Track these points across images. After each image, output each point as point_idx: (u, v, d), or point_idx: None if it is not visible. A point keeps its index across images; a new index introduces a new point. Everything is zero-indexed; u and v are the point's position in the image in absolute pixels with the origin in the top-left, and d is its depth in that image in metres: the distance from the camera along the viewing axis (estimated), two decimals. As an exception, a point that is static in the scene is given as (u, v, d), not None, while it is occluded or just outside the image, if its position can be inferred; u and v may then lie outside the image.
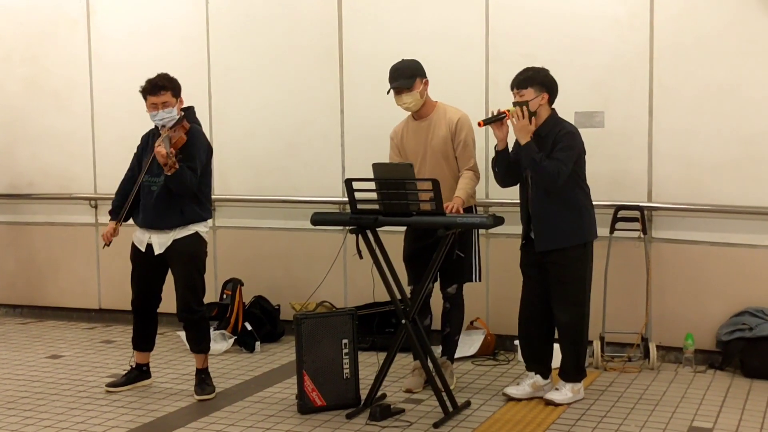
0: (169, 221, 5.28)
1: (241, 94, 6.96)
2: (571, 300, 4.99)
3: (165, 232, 5.29)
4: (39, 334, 7.17)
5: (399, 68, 5.26)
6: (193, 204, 5.31)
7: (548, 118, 5.00)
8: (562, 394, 5.03)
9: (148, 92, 5.25)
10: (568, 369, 5.09)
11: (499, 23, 6.16)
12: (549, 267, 5.00)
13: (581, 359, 5.12)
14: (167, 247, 5.29)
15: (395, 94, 5.26)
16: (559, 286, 5.00)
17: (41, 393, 5.47)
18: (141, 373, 5.57)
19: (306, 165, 6.80)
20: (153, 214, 5.30)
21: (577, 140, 4.97)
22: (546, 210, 4.96)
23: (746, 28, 5.62)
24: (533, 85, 4.95)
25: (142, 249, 5.35)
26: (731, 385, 5.38)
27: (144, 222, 5.35)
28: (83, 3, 7.38)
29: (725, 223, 5.76)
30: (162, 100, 5.22)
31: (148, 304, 5.48)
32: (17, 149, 7.76)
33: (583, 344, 5.13)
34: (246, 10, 6.89)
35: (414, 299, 4.93)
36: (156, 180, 5.27)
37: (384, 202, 4.77)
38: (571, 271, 4.97)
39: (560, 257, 4.96)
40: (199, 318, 5.39)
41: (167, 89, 5.24)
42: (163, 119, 5.24)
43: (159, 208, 5.27)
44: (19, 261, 7.85)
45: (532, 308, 5.12)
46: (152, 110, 5.25)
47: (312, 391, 4.92)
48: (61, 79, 7.53)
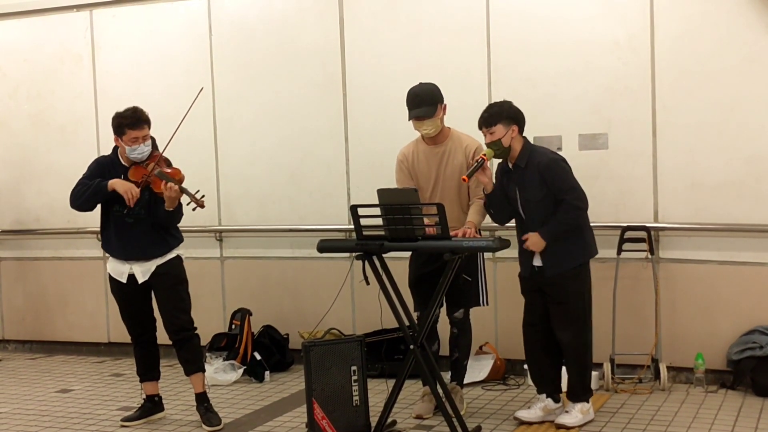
0: (154, 252, 5.27)
1: (245, 125, 7.00)
2: (571, 318, 4.97)
3: (147, 260, 5.28)
4: (48, 368, 7.17)
5: (419, 94, 5.20)
6: (173, 231, 5.35)
7: (522, 148, 4.98)
8: (573, 417, 5.01)
9: (131, 126, 5.13)
10: (574, 388, 5.07)
11: (500, 50, 6.20)
12: (547, 289, 5.00)
13: (587, 378, 5.10)
14: (151, 273, 5.28)
15: (415, 120, 5.23)
16: (557, 307, 4.98)
17: (51, 428, 5.46)
18: (154, 405, 5.54)
19: (311, 194, 6.82)
20: (135, 247, 5.24)
21: (561, 165, 4.96)
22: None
23: (746, 47, 5.65)
24: (500, 120, 4.94)
25: (123, 280, 5.31)
26: (743, 405, 5.36)
27: (124, 254, 5.28)
28: (88, 39, 7.46)
29: (732, 242, 5.76)
30: (144, 134, 5.17)
31: (145, 331, 5.46)
32: (24, 185, 7.80)
33: (588, 362, 5.10)
34: (249, 42, 6.95)
35: (422, 324, 4.93)
36: (132, 212, 5.19)
37: (389, 228, 4.78)
38: (568, 290, 4.95)
39: (559, 279, 4.95)
40: (192, 335, 5.39)
41: (148, 122, 5.20)
42: (143, 153, 5.18)
43: (142, 241, 5.23)
44: (27, 296, 7.86)
45: (536, 331, 5.10)
46: (133, 144, 5.14)
47: (322, 419, 4.90)
48: (67, 114, 7.58)
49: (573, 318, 4.98)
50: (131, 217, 5.23)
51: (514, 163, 4.98)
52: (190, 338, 5.38)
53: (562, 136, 6.07)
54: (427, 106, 5.17)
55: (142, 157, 5.19)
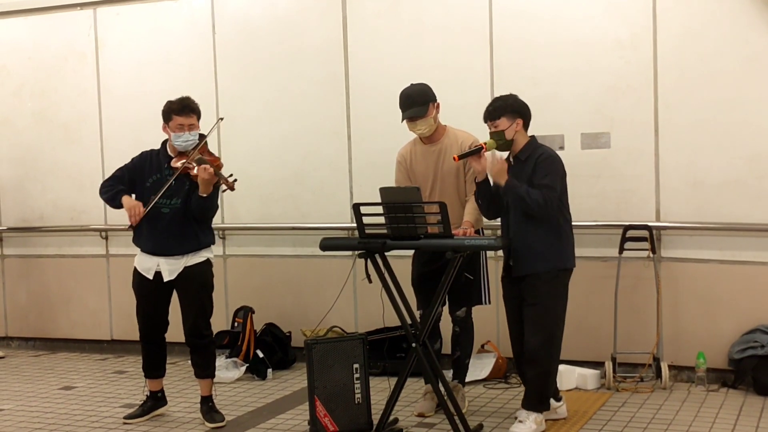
0: (183, 246, 5.21)
1: (248, 124, 7.02)
2: (540, 324, 4.82)
3: (176, 258, 5.22)
4: (51, 366, 7.19)
5: (410, 95, 5.21)
6: (205, 229, 5.30)
7: (527, 143, 4.94)
8: (527, 427, 4.84)
9: (178, 112, 5.16)
10: (530, 397, 4.90)
11: (503, 49, 6.21)
12: (524, 289, 4.88)
13: (546, 389, 4.92)
14: (178, 274, 5.24)
15: (409, 121, 5.23)
16: (530, 309, 4.86)
17: (55, 425, 5.48)
18: (156, 401, 5.54)
19: (314, 192, 6.84)
20: (165, 239, 5.19)
21: (558, 164, 4.88)
22: (525, 234, 4.86)
23: (749, 47, 5.66)
24: (505, 113, 4.90)
25: (149, 276, 5.25)
26: (744, 404, 5.36)
27: (154, 248, 5.22)
28: (91, 37, 7.48)
29: (734, 241, 5.77)
30: (190, 122, 5.18)
31: (158, 331, 5.43)
32: (28, 183, 7.82)
33: (550, 374, 4.92)
34: (253, 40, 6.97)
35: (424, 323, 4.94)
36: (168, 202, 5.17)
37: (392, 226, 4.79)
38: (542, 293, 4.82)
39: (534, 280, 4.84)
40: (209, 342, 5.39)
41: (196, 112, 5.23)
42: (187, 141, 5.18)
43: (172, 232, 5.18)
44: (30, 293, 7.88)
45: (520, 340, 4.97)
46: (179, 131, 5.15)
47: (324, 416, 4.92)
48: (71, 112, 7.60)
49: (542, 323, 4.82)
50: (168, 207, 5.17)
51: (515, 155, 4.94)
52: (207, 346, 5.36)
53: (564, 135, 6.08)
54: (418, 106, 5.17)
55: (187, 146, 5.18)
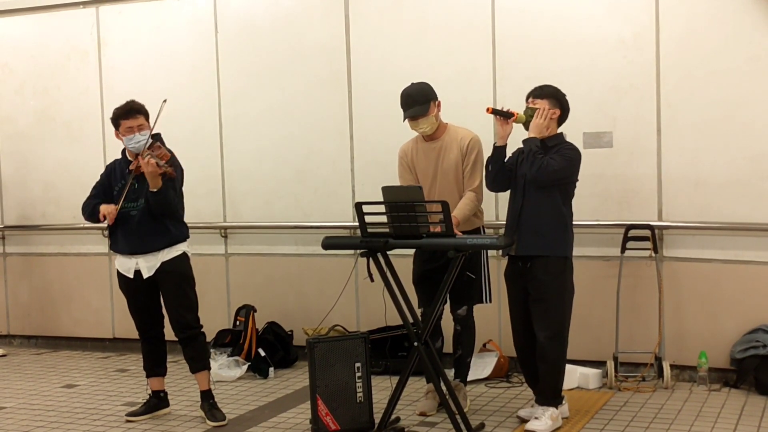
0: (155, 243, 5.31)
1: (250, 122, 7.02)
2: (548, 319, 4.89)
3: (152, 254, 5.31)
4: (53, 364, 7.20)
5: (411, 94, 5.22)
6: (176, 223, 5.38)
7: (557, 135, 5.03)
8: (543, 423, 4.89)
9: (124, 117, 5.27)
10: (545, 392, 4.98)
11: (506, 48, 6.21)
12: (529, 283, 4.94)
13: (559, 382, 5.00)
14: (156, 270, 5.31)
15: (410, 120, 5.25)
16: (536, 305, 4.92)
17: (57, 422, 5.48)
18: (159, 401, 5.56)
19: (316, 191, 6.84)
20: (137, 239, 5.30)
21: (577, 156, 4.98)
22: (536, 218, 4.93)
23: (752, 46, 5.65)
24: (550, 98, 5.02)
25: (129, 276, 5.36)
26: (746, 403, 5.36)
27: (128, 248, 5.34)
28: (94, 35, 7.48)
29: (736, 241, 5.76)
30: (138, 122, 5.25)
31: (153, 327, 5.50)
32: (30, 181, 7.83)
33: (561, 366, 5.01)
34: (255, 39, 6.97)
35: (425, 321, 4.94)
36: (134, 205, 5.29)
37: (394, 225, 4.79)
38: (548, 288, 4.89)
39: (542, 268, 4.89)
40: (198, 333, 5.42)
41: (141, 113, 5.29)
42: (139, 142, 5.22)
43: (143, 231, 5.29)
44: (32, 291, 7.89)
45: (524, 335, 5.04)
46: (128, 134, 5.25)
47: (326, 415, 4.92)
48: (73, 110, 7.61)
49: (551, 318, 4.89)
50: (135, 209, 5.27)
51: (544, 141, 4.97)
52: (196, 336, 5.41)
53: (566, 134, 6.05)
54: (419, 105, 5.18)
55: (140, 146, 5.23)
